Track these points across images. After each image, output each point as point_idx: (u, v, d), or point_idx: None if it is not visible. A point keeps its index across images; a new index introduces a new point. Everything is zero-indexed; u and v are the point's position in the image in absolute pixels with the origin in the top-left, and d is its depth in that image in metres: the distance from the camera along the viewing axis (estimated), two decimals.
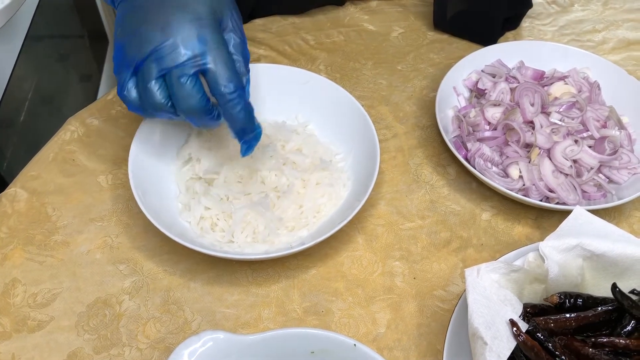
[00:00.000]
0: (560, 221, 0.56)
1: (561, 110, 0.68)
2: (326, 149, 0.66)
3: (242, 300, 0.58)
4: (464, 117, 0.70)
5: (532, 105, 0.68)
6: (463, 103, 0.73)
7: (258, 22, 0.84)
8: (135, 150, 0.61)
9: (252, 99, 0.68)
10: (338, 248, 0.62)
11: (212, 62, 0.50)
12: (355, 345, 0.50)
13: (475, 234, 0.63)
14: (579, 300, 0.51)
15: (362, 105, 0.69)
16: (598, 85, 0.72)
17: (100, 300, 0.58)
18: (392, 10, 0.86)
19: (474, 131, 0.68)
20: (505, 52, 0.75)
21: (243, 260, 0.60)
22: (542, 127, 0.66)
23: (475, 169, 0.64)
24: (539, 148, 0.64)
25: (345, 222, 0.56)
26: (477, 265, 0.50)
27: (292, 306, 0.58)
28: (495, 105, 0.69)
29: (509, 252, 0.56)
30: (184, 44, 0.50)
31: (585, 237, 0.52)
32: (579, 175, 0.64)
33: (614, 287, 0.49)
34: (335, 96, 0.67)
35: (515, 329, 0.46)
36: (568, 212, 0.56)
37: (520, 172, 0.64)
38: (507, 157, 0.65)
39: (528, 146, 0.66)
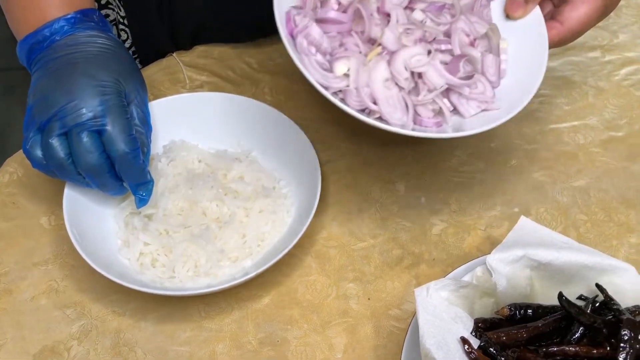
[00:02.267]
0: (509, 230, 0.56)
1: (428, 9, 0.56)
2: (269, 175, 0.65)
3: (196, 337, 0.57)
4: None
5: None
6: None
7: (200, 48, 0.83)
8: (70, 190, 0.60)
9: (194, 129, 0.68)
10: (290, 274, 0.61)
11: (110, 124, 0.55)
12: None
13: (426, 250, 0.64)
14: (529, 311, 0.51)
15: (309, 127, 0.69)
16: None
17: (47, 349, 0.56)
18: None
19: (322, 7, 0.56)
20: None
21: (187, 296, 0.59)
22: (398, 22, 0.54)
23: (296, 50, 0.52)
24: (383, 47, 0.53)
25: (283, 254, 0.56)
26: (427, 283, 0.50)
27: (246, 338, 0.57)
28: None
29: (460, 266, 0.57)
30: (86, 105, 0.54)
31: (531, 248, 0.53)
32: (418, 92, 0.54)
33: (560, 296, 0.50)
34: (276, 121, 0.66)
35: (466, 346, 0.47)
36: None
37: (349, 70, 0.52)
38: (346, 49, 0.54)
39: (374, 42, 0.54)
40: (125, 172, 0.57)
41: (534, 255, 0.52)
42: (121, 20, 0.80)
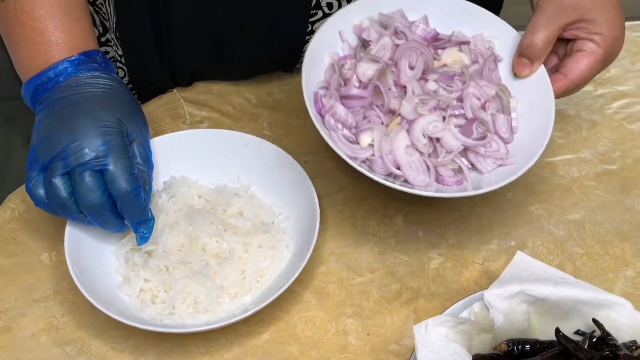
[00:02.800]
0: (506, 263, 0.57)
1: (441, 79, 0.61)
2: (268, 210, 0.66)
3: None
4: (341, 67, 0.61)
5: (412, 68, 0.61)
6: (347, 52, 0.64)
7: (200, 84, 0.84)
8: (71, 227, 0.61)
9: (195, 165, 0.69)
10: (289, 310, 0.62)
11: (112, 164, 0.56)
12: None
13: (425, 284, 0.64)
14: (527, 346, 0.52)
15: (307, 161, 0.70)
16: (495, 59, 0.64)
17: None
18: None
19: (345, 85, 0.61)
20: (411, 2, 0.65)
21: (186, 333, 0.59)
22: (414, 94, 0.59)
23: (324, 126, 0.58)
24: (402, 117, 0.58)
25: (282, 290, 0.56)
26: (425, 320, 0.51)
27: None
28: (373, 61, 0.61)
29: (458, 301, 0.57)
30: (89, 146, 0.56)
31: (528, 283, 0.53)
32: (438, 154, 0.59)
33: (557, 331, 0.50)
34: (274, 156, 0.67)
35: None
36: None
37: (373, 140, 0.57)
38: (369, 121, 0.59)
39: (394, 112, 0.59)
40: (126, 210, 0.58)
41: (531, 290, 0.53)
42: (119, 58, 0.82)
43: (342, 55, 0.64)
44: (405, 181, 0.57)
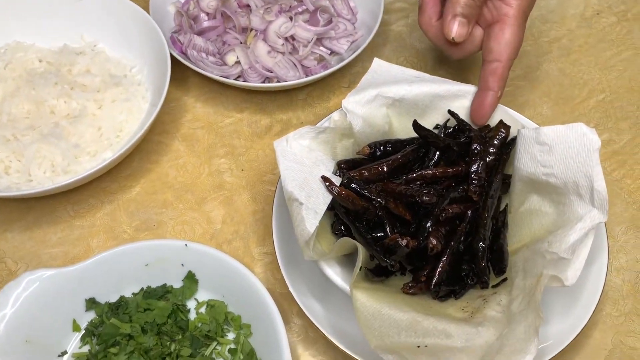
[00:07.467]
0: None
1: None
2: (117, 64, 0.62)
3: (67, 236, 0.55)
4: (186, 11, 0.67)
5: None
6: None
7: None
8: None
9: (29, 28, 0.63)
10: (159, 160, 0.60)
11: None
12: (186, 245, 0.49)
13: (294, 115, 0.64)
14: (389, 146, 0.52)
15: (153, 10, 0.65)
16: None
17: None
18: None
19: (195, 23, 0.65)
20: None
21: (48, 195, 0.56)
22: (257, 7, 0.65)
23: (191, 61, 0.62)
24: (255, 30, 0.63)
25: (139, 136, 0.54)
26: (285, 135, 0.50)
27: (121, 228, 0.56)
28: None
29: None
30: None
31: (385, 86, 0.53)
32: (298, 51, 0.64)
33: (415, 123, 0.51)
34: (118, 8, 0.62)
35: (327, 183, 0.47)
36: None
37: (238, 57, 0.62)
38: (229, 45, 0.64)
39: (247, 29, 0.64)
40: None
41: (387, 92, 0.53)
42: None
43: (184, 1, 0.69)
44: (278, 81, 0.62)
